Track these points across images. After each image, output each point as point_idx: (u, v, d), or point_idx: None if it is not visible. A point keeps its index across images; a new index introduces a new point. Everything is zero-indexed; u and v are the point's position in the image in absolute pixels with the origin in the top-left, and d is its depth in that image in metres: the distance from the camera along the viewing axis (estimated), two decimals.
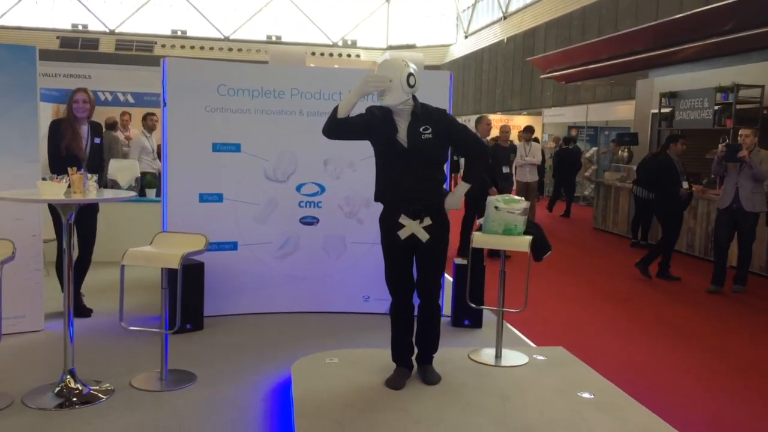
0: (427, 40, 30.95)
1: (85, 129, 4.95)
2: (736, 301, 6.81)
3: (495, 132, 10.18)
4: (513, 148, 9.34)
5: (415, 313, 3.74)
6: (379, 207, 3.72)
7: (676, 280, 7.56)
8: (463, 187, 3.66)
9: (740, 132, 6.99)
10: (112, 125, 9.14)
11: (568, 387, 3.72)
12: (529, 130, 10.84)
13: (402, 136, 3.50)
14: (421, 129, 3.48)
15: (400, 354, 3.73)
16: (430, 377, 3.70)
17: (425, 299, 3.69)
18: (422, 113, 3.52)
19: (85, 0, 28.51)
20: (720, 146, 7.00)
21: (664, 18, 12.37)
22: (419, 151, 3.48)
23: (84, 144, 4.92)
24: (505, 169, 8.93)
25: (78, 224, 4.43)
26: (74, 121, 4.89)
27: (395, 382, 3.62)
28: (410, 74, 3.41)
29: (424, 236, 3.55)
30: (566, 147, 14.82)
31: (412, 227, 3.54)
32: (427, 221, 3.54)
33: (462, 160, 9.73)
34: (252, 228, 5.26)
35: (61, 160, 4.65)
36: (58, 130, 4.85)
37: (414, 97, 3.52)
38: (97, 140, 5.05)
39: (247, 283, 5.28)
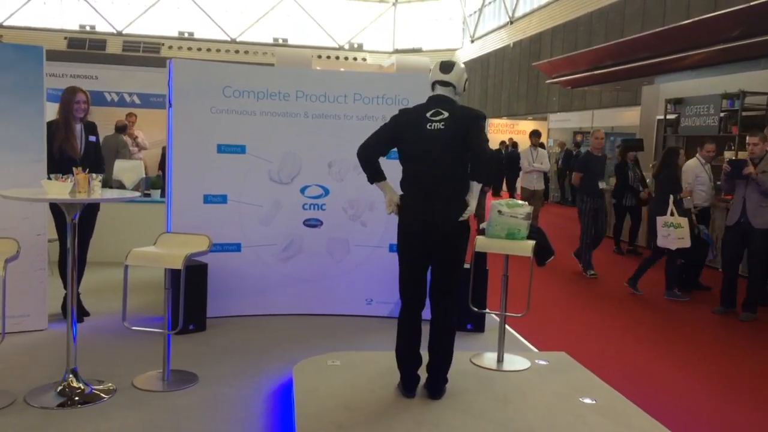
0: (433, 44, 30.96)
1: (78, 128, 4.90)
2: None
3: (504, 136, 9.95)
4: (606, 159, 8.35)
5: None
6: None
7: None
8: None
9: (747, 140, 6.29)
10: (122, 128, 9.18)
11: (570, 392, 3.71)
12: (537, 134, 10.31)
13: None
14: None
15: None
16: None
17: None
18: None
19: (93, 1, 28.63)
20: (724, 165, 6.38)
21: (671, 24, 12.37)
22: None
23: (79, 143, 4.87)
24: (602, 185, 7.86)
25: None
26: (71, 120, 4.85)
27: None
28: (466, 80, 3.64)
29: None
30: (513, 150, 15.44)
31: None
32: None
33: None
34: (256, 230, 5.27)
35: (54, 161, 4.60)
36: (49, 132, 4.73)
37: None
38: (93, 138, 5.00)
39: (250, 285, 5.29)
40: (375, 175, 3.55)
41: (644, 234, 9.95)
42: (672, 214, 6.68)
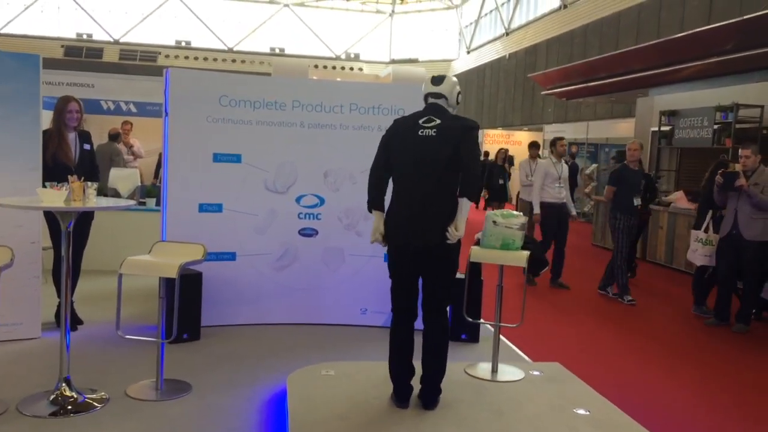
0: (429, 55, 31.10)
1: (72, 137, 4.91)
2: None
3: (499, 147, 9.58)
4: (643, 173, 7.65)
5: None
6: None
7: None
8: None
9: (740, 152, 6.33)
10: (115, 136, 9.18)
11: (564, 403, 3.71)
12: (535, 146, 9.84)
13: None
14: None
15: None
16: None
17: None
18: None
19: (90, 10, 28.68)
20: (717, 176, 6.30)
21: (665, 37, 12.46)
22: None
23: (73, 151, 4.88)
24: (636, 201, 7.24)
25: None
26: (64, 129, 4.86)
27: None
28: (459, 92, 3.71)
29: None
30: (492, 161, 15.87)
31: None
32: None
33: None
34: (251, 239, 5.27)
35: (48, 169, 4.60)
36: (43, 140, 4.73)
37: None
38: (87, 147, 5.01)
39: (245, 294, 5.28)
40: (376, 200, 3.58)
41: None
42: (706, 231, 6.69)
